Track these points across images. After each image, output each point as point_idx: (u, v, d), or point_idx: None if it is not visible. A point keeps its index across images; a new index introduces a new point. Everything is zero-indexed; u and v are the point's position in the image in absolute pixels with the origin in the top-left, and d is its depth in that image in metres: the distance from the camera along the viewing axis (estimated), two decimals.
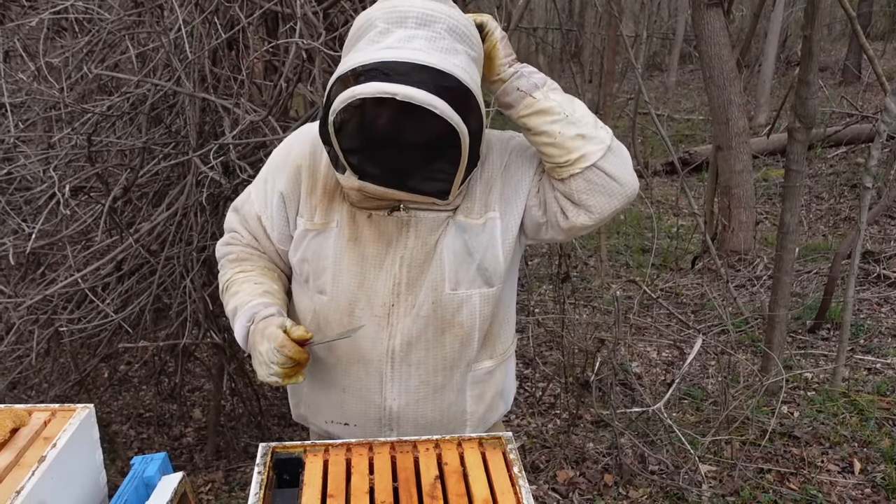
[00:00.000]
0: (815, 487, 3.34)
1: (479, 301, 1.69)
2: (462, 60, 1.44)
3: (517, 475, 1.43)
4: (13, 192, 3.28)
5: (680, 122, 12.02)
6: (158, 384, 4.16)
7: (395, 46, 1.42)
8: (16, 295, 3.04)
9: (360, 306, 1.66)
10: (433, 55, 1.41)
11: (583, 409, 4.02)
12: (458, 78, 1.41)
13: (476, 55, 1.51)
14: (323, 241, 1.67)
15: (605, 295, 5.50)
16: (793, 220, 3.93)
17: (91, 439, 1.53)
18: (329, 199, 1.68)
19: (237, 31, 2.90)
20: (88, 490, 1.50)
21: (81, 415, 1.50)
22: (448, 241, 1.64)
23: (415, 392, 1.71)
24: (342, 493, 1.40)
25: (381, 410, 1.73)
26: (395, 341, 1.67)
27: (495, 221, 1.67)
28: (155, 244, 3.14)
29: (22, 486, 1.29)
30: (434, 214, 1.64)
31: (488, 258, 1.67)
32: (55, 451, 1.38)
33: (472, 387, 1.78)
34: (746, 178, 6.27)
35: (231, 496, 3.52)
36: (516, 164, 1.70)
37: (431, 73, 1.39)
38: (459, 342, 1.70)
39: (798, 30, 13.82)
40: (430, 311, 1.66)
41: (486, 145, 1.67)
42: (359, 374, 1.71)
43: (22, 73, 3.30)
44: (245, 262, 1.81)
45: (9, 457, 1.37)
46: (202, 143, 2.92)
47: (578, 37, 11.90)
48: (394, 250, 1.65)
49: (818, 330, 4.90)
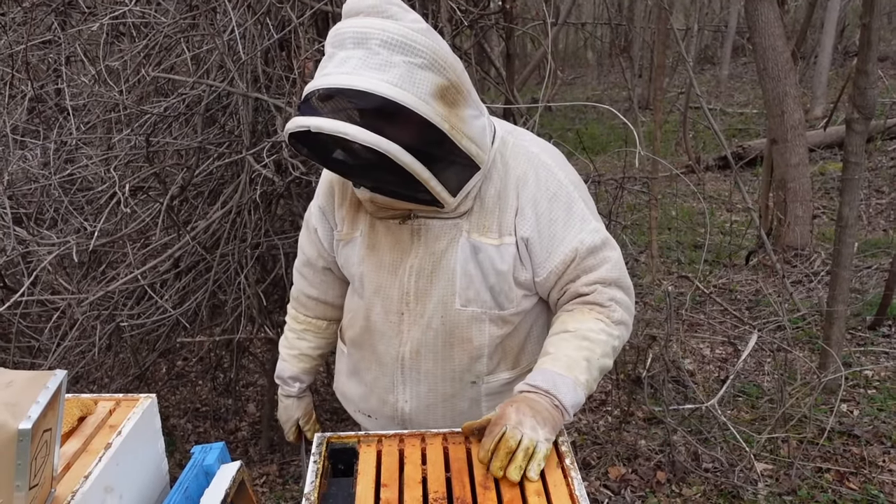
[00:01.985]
0: (877, 487, 3.25)
1: (488, 320, 1.70)
2: (396, 74, 1.39)
3: (569, 467, 1.43)
4: (75, 192, 3.39)
5: (733, 116, 11.79)
6: (214, 379, 4.26)
7: (329, 73, 1.42)
8: (79, 291, 3.14)
9: (376, 311, 1.74)
10: (359, 76, 1.38)
11: (634, 405, 3.98)
12: (382, 94, 1.37)
13: (423, 61, 1.42)
14: (350, 251, 1.77)
15: (656, 291, 5.43)
16: (851, 214, 3.83)
17: (153, 428, 1.58)
18: (354, 211, 1.76)
19: (288, 32, 2.95)
20: (151, 476, 1.55)
21: (144, 404, 1.55)
22: (461, 258, 1.65)
23: (425, 398, 1.77)
24: (395, 482, 1.42)
25: (395, 410, 1.81)
26: (405, 348, 1.73)
27: (510, 248, 1.65)
28: (210, 242, 3.21)
29: (90, 471, 1.34)
30: (441, 222, 1.66)
31: (500, 281, 1.67)
32: (120, 438, 1.43)
33: (487, 398, 1.78)
34: (803, 172, 6.12)
35: (285, 489, 3.58)
36: (558, 232, 1.65)
37: (351, 95, 1.38)
38: (468, 357, 1.73)
39: (856, 19, 13.42)
40: (439, 325, 1.69)
41: (509, 152, 1.66)
42: (376, 373, 1.81)
43: (83, 77, 3.40)
44: (301, 306, 2.03)
45: (77, 444, 1.43)
46: (255, 142, 2.98)
47: (628, 31, 11.77)
48: (406, 259, 1.69)
49: (879, 327, 4.76)
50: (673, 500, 3.30)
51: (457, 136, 1.48)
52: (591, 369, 1.59)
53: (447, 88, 1.46)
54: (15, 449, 1.10)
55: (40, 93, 3.65)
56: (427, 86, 1.43)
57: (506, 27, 3.79)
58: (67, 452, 1.39)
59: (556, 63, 2.98)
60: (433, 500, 1.36)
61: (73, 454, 1.40)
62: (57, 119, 3.63)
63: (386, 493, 1.39)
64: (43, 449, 1.18)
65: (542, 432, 1.44)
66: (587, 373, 1.58)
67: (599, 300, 1.66)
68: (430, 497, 1.37)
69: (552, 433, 1.47)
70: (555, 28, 3.06)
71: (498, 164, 1.65)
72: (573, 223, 1.65)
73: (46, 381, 1.18)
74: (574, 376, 1.55)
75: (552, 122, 11.67)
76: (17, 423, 1.10)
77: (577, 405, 1.56)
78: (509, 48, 4.03)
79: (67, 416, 1.46)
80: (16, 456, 1.10)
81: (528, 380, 1.57)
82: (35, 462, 1.15)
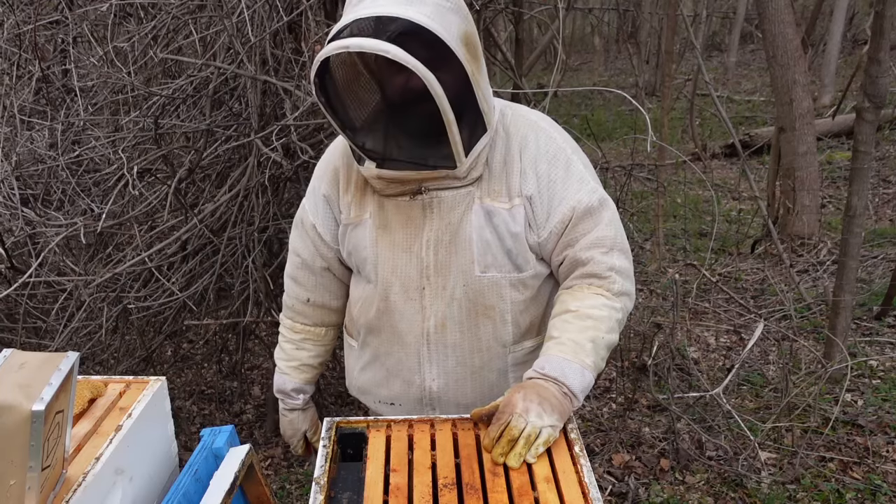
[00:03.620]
0: (880, 477, 3.26)
1: (508, 285, 1.70)
2: (429, 10, 1.43)
3: (578, 454, 1.43)
4: (83, 173, 3.39)
5: (740, 104, 11.73)
6: (220, 362, 4.27)
7: (363, 7, 1.44)
8: (86, 273, 3.15)
9: (395, 290, 1.72)
10: (395, 7, 1.41)
11: (639, 393, 3.98)
12: (420, 23, 1.40)
13: (451, 5, 1.47)
14: (360, 233, 1.75)
15: (661, 279, 5.42)
16: (860, 204, 3.81)
17: (163, 410, 1.58)
18: (361, 194, 1.75)
19: (298, 14, 2.93)
20: (161, 458, 1.56)
21: (154, 387, 1.55)
22: (476, 224, 1.66)
23: (453, 373, 1.75)
24: (405, 467, 1.42)
25: (422, 391, 1.78)
26: (430, 323, 1.72)
27: (520, 209, 1.66)
28: (217, 225, 3.21)
29: (101, 453, 1.34)
30: (454, 192, 1.66)
31: (517, 244, 1.68)
32: (131, 420, 1.43)
33: (514, 368, 1.78)
34: (811, 161, 6.09)
35: (290, 472, 3.60)
36: (557, 191, 1.67)
37: (388, 22, 1.40)
38: (492, 325, 1.72)
39: (866, 7, 13.32)
40: (462, 294, 1.69)
41: (509, 121, 1.69)
42: (399, 356, 1.78)
43: (91, 58, 3.39)
44: (297, 314, 1.97)
45: (87, 425, 1.43)
46: (263, 125, 2.97)
47: (636, 17, 11.69)
48: (420, 233, 1.69)
49: (885, 317, 4.75)
50: (676, 487, 3.31)
51: (476, 88, 1.51)
52: (597, 349, 1.60)
53: (471, 37, 1.50)
54: (28, 430, 1.10)
55: (47, 73, 3.64)
56: (456, 28, 1.46)
57: (515, 12, 3.77)
58: (78, 434, 1.40)
59: (563, 49, 2.96)
60: (442, 485, 1.36)
61: (84, 436, 1.40)
62: (64, 100, 3.62)
63: (395, 477, 1.39)
64: (55, 430, 1.19)
65: (547, 419, 1.45)
66: (594, 354, 1.59)
67: (598, 271, 1.66)
68: (439, 482, 1.37)
69: (560, 420, 1.48)
70: (563, 13, 3.03)
71: (500, 132, 1.68)
72: (571, 183, 1.66)
73: (59, 363, 1.18)
74: (581, 360, 1.56)
75: (558, 108, 11.63)
76: (31, 405, 1.10)
77: (586, 389, 1.57)
78: (518, 33, 4.01)
79: (78, 397, 1.46)
80: (29, 437, 1.11)
81: (536, 366, 1.57)
82: (48, 443, 1.16)
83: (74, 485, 1.26)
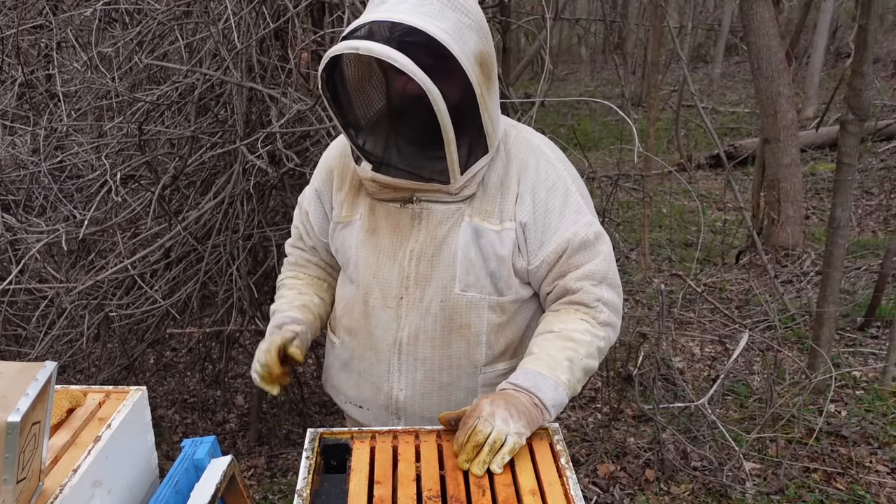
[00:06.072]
0: (863, 488, 3.27)
1: (487, 307, 1.69)
2: (448, 25, 1.43)
3: (564, 466, 1.42)
4: (65, 179, 3.35)
5: (725, 115, 11.81)
6: (203, 370, 4.23)
7: (382, 10, 1.45)
8: (67, 280, 3.11)
9: (374, 296, 1.72)
10: (413, 16, 1.41)
11: (624, 403, 3.98)
12: (434, 36, 1.40)
13: (471, 23, 1.47)
14: (348, 233, 1.75)
15: (647, 289, 5.44)
16: (844, 215, 3.84)
17: (143, 421, 1.56)
18: (354, 194, 1.75)
19: (284, 21, 2.92)
20: (140, 470, 1.53)
21: (134, 397, 1.53)
22: (462, 242, 1.65)
23: (420, 386, 1.74)
24: (389, 479, 1.41)
25: (389, 399, 1.77)
26: (403, 333, 1.71)
27: (510, 233, 1.65)
28: (202, 232, 3.18)
29: (78, 464, 1.32)
30: (444, 206, 1.65)
31: (501, 267, 1.67)
32: (110, 431, 1.41)
33: (483, 389, 1.76)
34: (795, 172, 6.14)
35: (273, 481, 3.56)
36: (553, 221, 1.66)
37: (403, 30, 1.41)
38: (466, 344, 1.71)
39: (849, 20, 13.47)
40: (438, 309, 1.68)
41: (511, 142, 1.69)
42: (371, 360, 1.77)
43: (75, 63, 3.36)
44: (301, 268, 1.96)
45: (65, 436, 1.40)
46: (249, 132, 2.95)
47: (622, 28, 11.76)
48: (406, 243, 1.68)
49: (868, 328, 4.79)
50: (661, 498, 3.30)
51: (483, 109, 1.51)
52: (573, 369, 1.59)
53: (487, 57, 1.50)
54: (3, 442, 1.08)
55: (31, 78, 3.61)
56: (472, 46, 1.46)
57: (502, 21, 3.77)
58: (56, 445, 1.37)
59: (550, 59, 2.96)
60: (427, 497, 1.35)
61: (62, 447, 1.37)
62: (47, 105, 3.58)
63: (379, 490, 1.37)
64: (31, 442, 1.16)
65: (513, 425, 1.43)
66: (569, 373, 1.58)
67: (586, 300, 1.66)
68: (423, 495, 1.35)
69: (526, 428, 1.46)
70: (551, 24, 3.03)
71: (501, 152, 1.67)
72: (568, 214, 1.66)
73: (36, 373, 1.16)
74: (556, 376, 1.56)
75: (545, 118, 11.66)
76: (6, 416, 1.07)
77: (558, 405, 1.56)
78: (506, 42, 4.02)
79: (56, 407, 1.44)
80: (4, 449, 1.08)
81: (511, 378, 1.57)
82: (23, 455, 1.13)
83: (51, 497, 1.24)
